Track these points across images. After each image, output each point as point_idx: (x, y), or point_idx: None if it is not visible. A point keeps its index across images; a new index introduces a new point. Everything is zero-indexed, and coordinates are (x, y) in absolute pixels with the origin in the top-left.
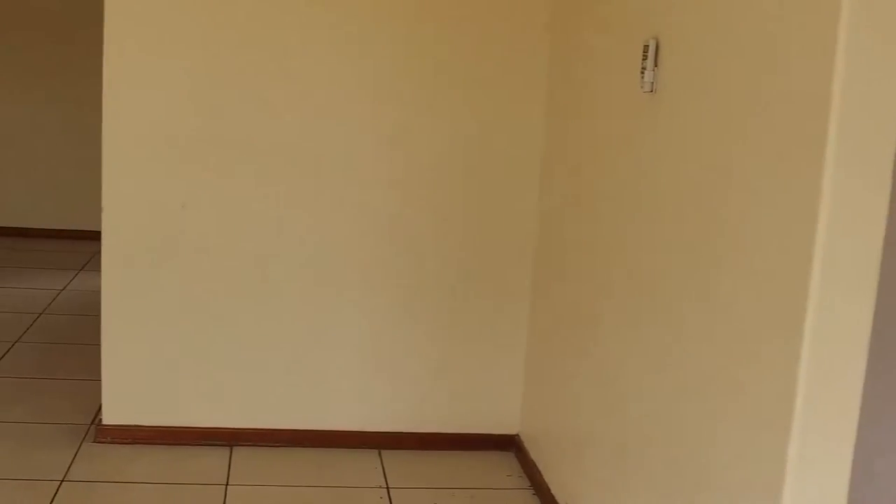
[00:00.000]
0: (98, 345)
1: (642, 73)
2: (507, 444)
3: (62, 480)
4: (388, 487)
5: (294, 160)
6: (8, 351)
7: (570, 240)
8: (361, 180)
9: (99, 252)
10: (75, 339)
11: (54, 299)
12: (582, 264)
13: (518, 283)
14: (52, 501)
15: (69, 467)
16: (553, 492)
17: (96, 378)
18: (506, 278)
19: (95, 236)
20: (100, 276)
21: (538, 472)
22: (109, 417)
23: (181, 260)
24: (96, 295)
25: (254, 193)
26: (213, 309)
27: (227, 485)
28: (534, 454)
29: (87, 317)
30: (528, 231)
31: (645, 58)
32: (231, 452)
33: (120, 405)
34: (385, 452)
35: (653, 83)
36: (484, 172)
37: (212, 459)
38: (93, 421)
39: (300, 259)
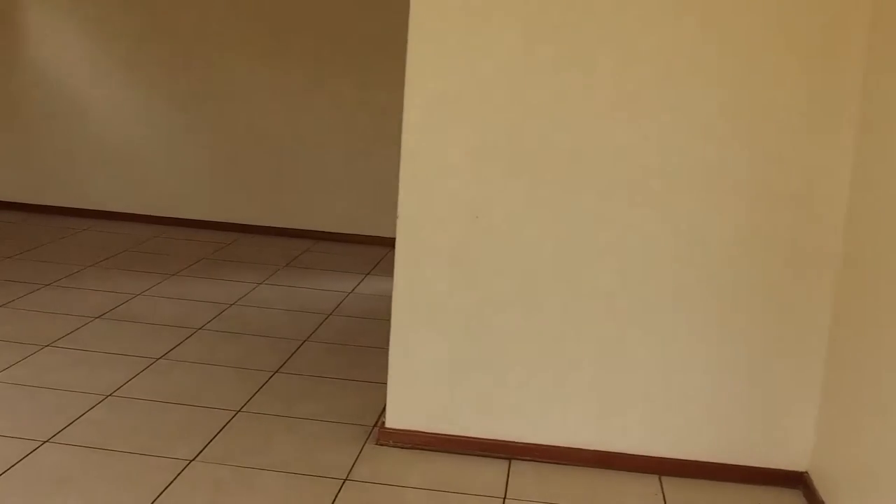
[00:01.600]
0: (381, 348)
1: None
2: (795, 480)
3: (345, 479)
4: None
5: (593, 176)
6: (298, 349)
7: (880, 268)
8: (662, 199)
9: (385, 257)
10: (360, 342)
11: (342, 301)
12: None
13: (816, 311)
14: (335, 499)
15: (352, 467)
16: None
17: (379, 381)
18: (803, 306)
19: (383, 242)
20: (386, 280)
21: None
22: (392, 421)
23: (472, 270)
24: (382, 299)
25: (551, 207)
26: (503, 321)
27: (504, 498)
28: (824, 494)
29: (373, 320)
30: (830, 255)
31: None
32: (510, 466)
33: (403, 409)
34: (666, 479)
35: None
36: (783, 191)
37: (490, 471)
38: (376, 423)
39: (594, 277)
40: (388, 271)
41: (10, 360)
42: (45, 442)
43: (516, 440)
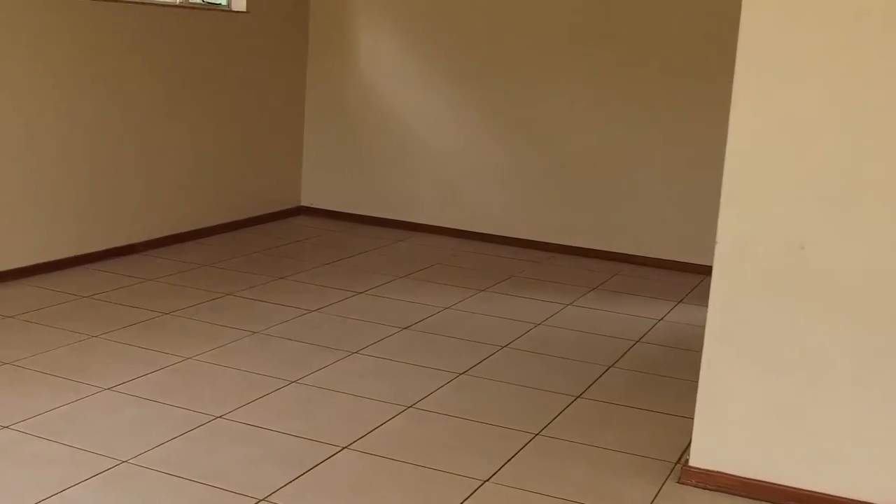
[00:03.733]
0: (688, 380)
1: None
2: None
3: None
4: None
5: None
6: (602, 375)
7: None
8: None
9: (698, 285)
10: (667, 372)
11: (651, 328)
12: None
13: None
14: None
15: None
16: None
17: (683, 415)
18: None
19: (698, 269)
20: (697, 309)
21: None
22: (697, 459)
23: (793, 305)
24: (692, 329)
25: (887, 242)
26: (825, 362)
27: None
28: None
29: (682, 350)
30: None
31: None
32: None
33: (710, 448)
34: None
35: None
36: None
37: None
38: (678, 460)
39: None
40: (702, 300)
41: (317, 365)
42: (343, 448)
43: (831, 493)
